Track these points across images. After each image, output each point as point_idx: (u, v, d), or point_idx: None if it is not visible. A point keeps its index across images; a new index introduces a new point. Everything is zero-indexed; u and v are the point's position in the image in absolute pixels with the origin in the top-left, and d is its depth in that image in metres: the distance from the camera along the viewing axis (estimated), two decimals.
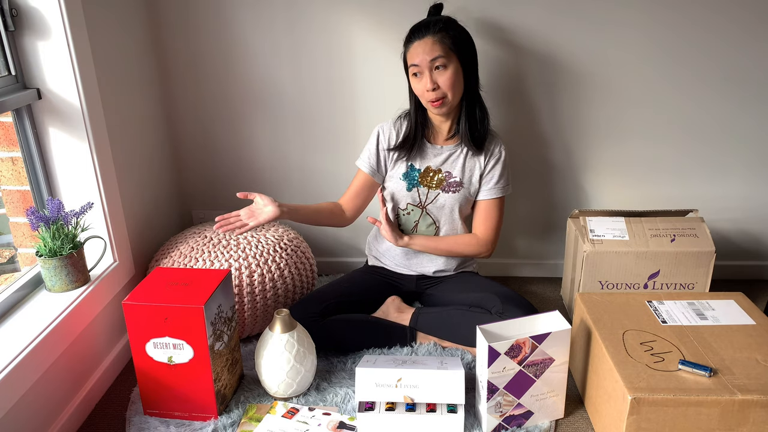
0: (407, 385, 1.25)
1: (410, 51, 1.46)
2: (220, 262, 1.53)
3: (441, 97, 1.44)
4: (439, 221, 1.61)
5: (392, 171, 1.60)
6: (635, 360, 1.19)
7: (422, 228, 1.63)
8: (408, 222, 1.63)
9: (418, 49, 1.43)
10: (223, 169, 1.94)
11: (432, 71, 1.43)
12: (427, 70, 1.43)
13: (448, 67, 1.43)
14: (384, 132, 1.59)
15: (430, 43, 1.42)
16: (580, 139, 1.82)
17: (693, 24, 1.66)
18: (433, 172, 1.57)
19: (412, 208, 1.61)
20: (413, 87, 1.49)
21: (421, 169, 1.58)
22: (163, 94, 1.83)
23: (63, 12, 1.29)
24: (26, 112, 1.35)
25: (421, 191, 1.59)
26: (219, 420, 1.32)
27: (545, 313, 1.30)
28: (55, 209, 1.31)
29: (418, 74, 1.45)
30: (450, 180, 1.57)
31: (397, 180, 1.60)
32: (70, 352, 1.33)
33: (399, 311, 1.61)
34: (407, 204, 1.61)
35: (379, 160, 1.60)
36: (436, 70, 1.43)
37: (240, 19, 1.74)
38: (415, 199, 1.60)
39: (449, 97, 1.45)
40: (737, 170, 1.84)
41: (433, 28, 1.43)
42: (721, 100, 1.75)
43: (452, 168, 1.57)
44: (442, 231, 1.62)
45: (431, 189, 1.58)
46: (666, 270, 1.61)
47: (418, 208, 1.60)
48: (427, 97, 1.46)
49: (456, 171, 1.57)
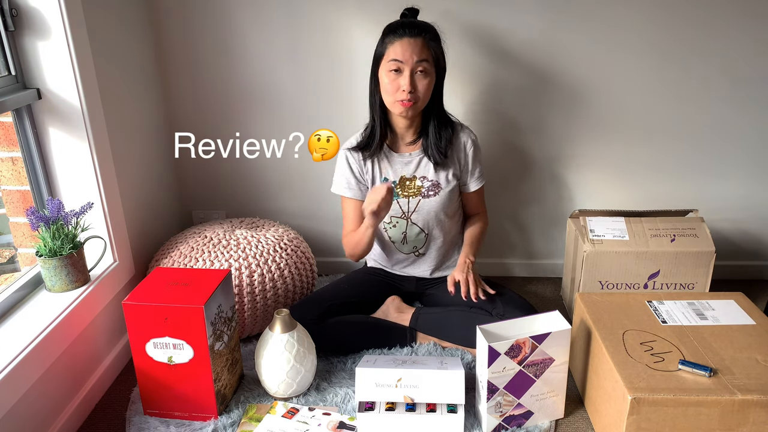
0: (407, 385, 1.25)
1: (395, 44, 1.41)
2: (220, 262, 1.53)
3: (414, 101, 1.43)
4: (427, 227, 1.60)
5: (372, 186, 1.58)
6: (635, 360, 1.19)
7: (411, 237, 1.62)
8: (396, 235, 1.62)
9: (405, 46, 1.40)
10: (223, 169, 1.94)
11: (414, 73, 1.41)
12: (408, 70, 1.40)
13: (428, 75, 1.43)
14: (351, 154, 1.57)
15: (420, 44, 1.40)
16: (579, 139, 1.82)
17: (693, 24, 1.66)
18: (409, 180, 1.56)
19: (397, 221, 1.60)
20: (384, 82, 1.44)
21: (396, 180, 1.57)
22: (163, 93, 1.83)
23: (63, 12, 1.29)
24: (26, 112, 1.35)
25: (401, 202, 1.57)
26: (219, 420, 1.32)
27: (545, 313, 1.30)
28: (55, 209, 1.31)
29: (398, 70, 1.41)
30: (427, 184, 1.56)
31: None
32: (70, 352, 1.33)
33: (399, 311, 1.61)
34: (391, 218, 1.59)
35: (359, 181, 1.59)
36: (419, 73, 1.41)
37: (240, 19, 1.74)
38: (398, 212, 1.58)
39: (419, 104, 1.45)
40: (737, 170, 1.84)
41: (426, 33, 1.42)
42: (721, 99, 1.75)
43: (426, 171, 1.56)
44: (433, 235, 1.61)
45: (411, 197, 1.57)
46: (666, 270, 1.61)
47: (403, 219, 1.59)
48: (398, 97, 1.43)
49: (430, 174, 1.56)
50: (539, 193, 1.91)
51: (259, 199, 1.98)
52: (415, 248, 1.64)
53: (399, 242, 1.63)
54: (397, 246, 1.64)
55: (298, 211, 1.98)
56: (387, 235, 1.63)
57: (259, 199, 1.98)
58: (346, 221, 1.62)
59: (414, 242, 1.62)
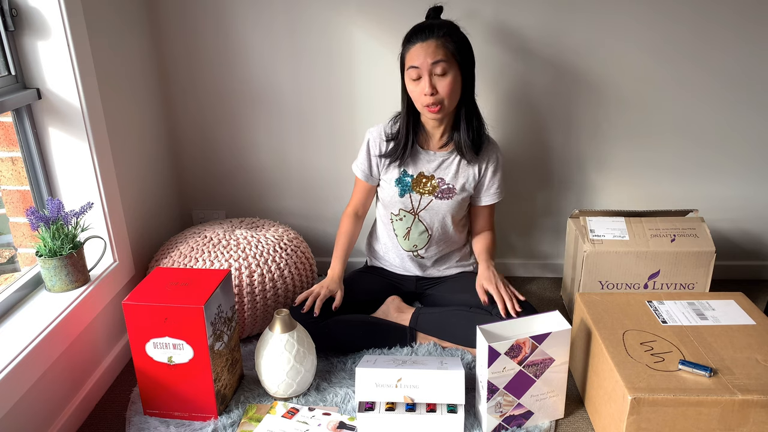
0: (407, 385, 1.25)
1: (410, 52, 1.42)
2: (220, 262, 1.53)
3: (438, 102, 1.42)
4: (431, 228, 1.60)
5: (385, 176, 1.59)
6: (635, 360, 1.19)
7: (414, 235, 1.62)
8: (401, 228, 1.63)
9: (419, 51, 1.40)
10: (223, 169, 1.94)
11: (432, 75, 1.40)
12: (426, 74, 1.40)
13: (448, 74, 1.40)
14: (374, 138, 1.58)
15: (433, 46, 1.39)
16: (580, 139, 1.82)
17: (693, 25, 1.66)
18: (426, 178, 1.56)
19: (405, 214, 1.60)
20: (410, 90, 1.46)
21: (414, 175, 1.56)
22: (164, 93, 1.83)
23: (63, 12, 1.29)
24: (26, 112, 1.35)
25: (413, 197, 1.57)
26: (219, 420, 1.32)
27: (545, 313, 1.30)
28: (55, 209, 1.31)
29: (418, 77, 1.42)
30: (443, 186, 1.56)
31: (389, 185, 1.58)
32: (70, 352, 1.33)
33: (399, 311, 1.61)
34: (399, 210, 1.60)
35: (371, 166, 1.59)
36: (436, 75, 1.40)
37: (240, 19, 1.74)
38: (407, 206, 1.59)
39: (446, 104, 1.43)
40: (737, 170, 1.84)
41: (437, 32, 1.40)
42: (721, 99, 1.75)
43: (445, 174, 1.56)
44: (435, 237, 1.62)
45: (424, 195, 1.57)
46: (666, 270, 1.61)
47: (411, 214, 1.60)
48: (423, 102, 1.43)
49: (449, 177, 1.56)
50: (539, 193, 1.91)
51: (259, 199, 1.98)
52: (415, 247, 1.64)
53: (402, 237, 1.64)
54: (399, 240, 1.64)
55: (298, 211, 1.99)
56: (392, 226, 1.64)
57: (259, 199, 1.98)
58: (352, 197, 1.68)
59: (416, 240, 1.63)
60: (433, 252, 1.65)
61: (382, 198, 1.63)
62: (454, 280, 1.67)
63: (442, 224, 1.60)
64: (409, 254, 1.66)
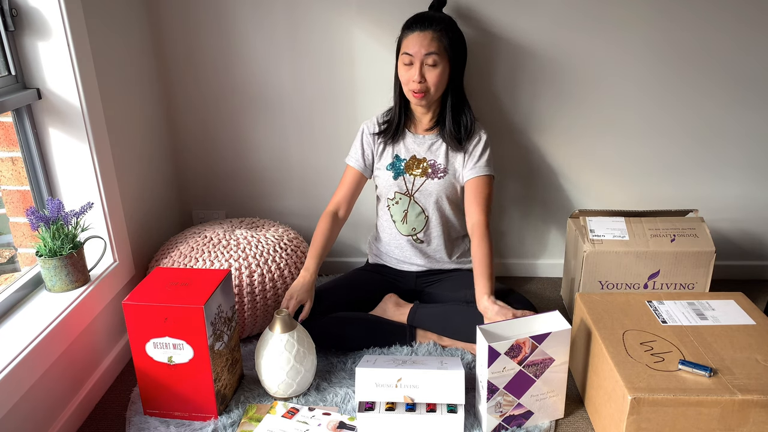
0: (407, 385, 1.25)
1: (408, 38, 1.49)
2: (220, 262, 1.53)
3: (424, 91, 1.49)
4: (428, 210, 1.63)
5: (379, 162, 1.64)
6: (635, 360, 1.19)
7: (412, 218, 1.64)
8: (397, 212, 1.65)
9: (415, 40, 1.47)
10: (223, 169, 1.94)
11: (423, 65, 1.47)
12: (418, 62, 1.47)
13: (438, 66, 1.48)
14: (368, 127, 1.65)
15: (429, 38, 1.46)
16: (580, 139, 1.82)
17: (693, 24, 1.66)
18: (418, 160, 1.60)
19: (400, 197, 1.63)
20: (400, 73, 1.53)
21: (406, 159, 1.61)
22: (164, 93, 1.83)
23: (63, 12, 1.29)
24: (26, 112, 1.35)
25: (407, 179, 1.61)
26: (219, 420, 1.32)
27: (545, 313, 1.30)
28: (55, 209, 1.31)
29: (410, 63, 1.49)
30: (435, 167, 1.60)
31: (383, 170, 1.63)
32: (70, 352, 1.33)
33: (397, 306, 1.61)
34: (395, 193, 1.63)
35: (365, 153, 1.64)
36: (428, 65, 1.47)
37: (240, 19, 1.74)
38: (402, 188, 1.62)
39: (431, 92, 1.50)
40: (737, 170, 1.84)
41: (436, 26, 1.46)
42: (721, 99, 1.75)
43: (436, 156, 1.60)
44: (432, 220, 1.63)
45: (417, 177, 1.61)
46: (666, 270, 1.61)
47: (406, 196, 1.62)
48: (411, 87, 1.50)
49: (440, 158, 1.60)
50: (539, 193, 1.91)
51: (259, 199, 1.98)
52: (414, 230, 1.64)
53: (399, 221, 1.66)
54: (397, 225, 1.66)
55: (298, 211, 1.99)
56: (390, 213, 1.66)
57: (259, 199, 1.98)
58: (335, 193, 1.68)
59: (413, 223, 1.64)
60: (433, 236, 1.65)
61: (379, 186, 1.66)
62: (453, 278, 1.68)
63: (438, 206, 1.62)
64: (409, 239, 1.66)
